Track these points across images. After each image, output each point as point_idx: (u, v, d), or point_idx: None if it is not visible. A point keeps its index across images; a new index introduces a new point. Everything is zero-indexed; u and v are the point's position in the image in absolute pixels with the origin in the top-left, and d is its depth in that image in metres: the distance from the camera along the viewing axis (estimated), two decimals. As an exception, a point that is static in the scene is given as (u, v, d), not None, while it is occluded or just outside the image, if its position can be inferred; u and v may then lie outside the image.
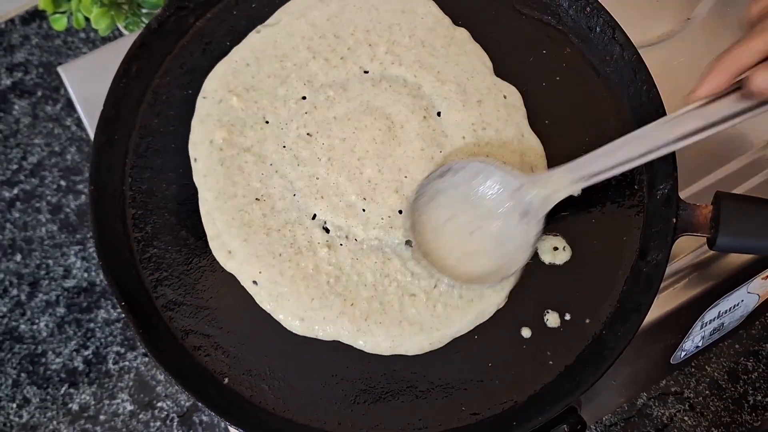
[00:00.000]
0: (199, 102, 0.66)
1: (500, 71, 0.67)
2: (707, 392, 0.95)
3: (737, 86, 0.55)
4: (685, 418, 0.94)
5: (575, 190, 0.59)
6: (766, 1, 0.55)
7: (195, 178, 0.63)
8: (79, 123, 1.02)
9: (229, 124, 0.64)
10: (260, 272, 0.60)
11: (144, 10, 0.87)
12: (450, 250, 0.60)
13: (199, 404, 0.57)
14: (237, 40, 0.68)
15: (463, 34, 0.68)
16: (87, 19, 0.85)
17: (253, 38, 0.68)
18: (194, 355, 0.59)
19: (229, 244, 0.61)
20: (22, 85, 1.04)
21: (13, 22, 1.08)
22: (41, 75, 1.05)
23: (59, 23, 0.88)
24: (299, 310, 0.59)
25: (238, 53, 0.67)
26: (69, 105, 1.03)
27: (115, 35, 0.98)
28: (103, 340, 0.93)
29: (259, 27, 0.69)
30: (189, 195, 0.63)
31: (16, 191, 0.99)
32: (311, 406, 0.58)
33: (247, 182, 0.63)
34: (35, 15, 1.08)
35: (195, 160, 0.64)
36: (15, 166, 1.01)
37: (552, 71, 0.67)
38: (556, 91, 0.67)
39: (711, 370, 0.96)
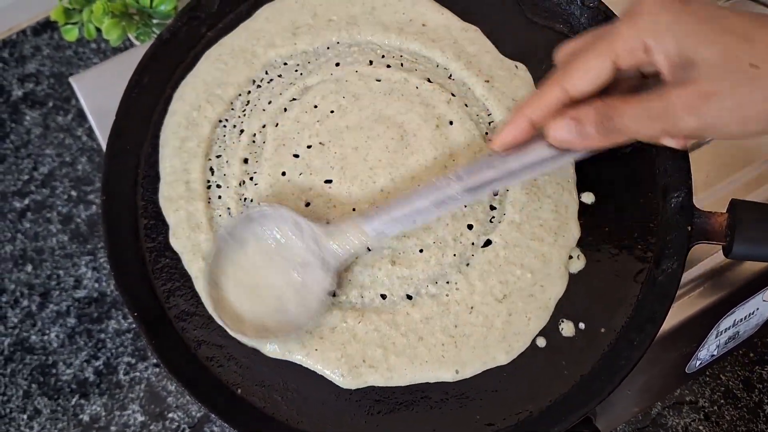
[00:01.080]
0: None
1: (512, 79, 0.67)
2: (722, 401, 0.94)
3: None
4: (700, 427, 0.93)
5: (367, 241, 0.57)
6: (572, 47, 0.55)
7: (207, 188, 0.63)
8: (90, 133, 1.02)
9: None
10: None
11: (155, 21, 0.87)
12: (249, 302, 0.58)
13: (212, 415, 0.57)
14: (248, 49, 0.69)
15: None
16: (98, 30, 0.85)
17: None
18: (207, 365, 0.59)
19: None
20: (33, 96, 1.05)
21: (25, 33, 1.08)
22: (52, 86, 1.05)
23: (71, 34, 0.88)
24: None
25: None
26: (80, 115, 1.03)
27: (126, 46, 0.98)
28: (113, 350, 0.93)
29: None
30: (201, 205, 0.63)
31: (27, 201, 1.00)
32: (325, 418, 0.57)
33: (260, 192, 0.63)
34: (47, 26, 1.09)
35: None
36: (26, 177, 1.01)
37: (564, 79, 0.67)
38: (568, 99, 0.66)
39: (726, 379, 0.95)
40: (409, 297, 0.59)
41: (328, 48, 0.69)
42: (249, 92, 0.67)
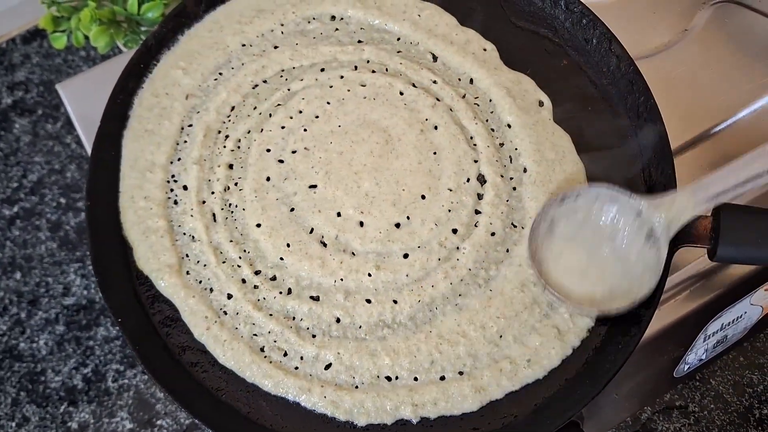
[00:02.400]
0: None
1: (497, 84, 0.67)
2: (712, 406, 0.94)
3: None
4: (690, 432, 0.93)
5: (700, 211, 0.57)
6: None
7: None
8: (79, 141, 1.02)
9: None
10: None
11: (143, 28, 0.87)
12: (573, 277, 0.59)
13: (197, 421, 0.57)
14: (234, 55, 0.69)
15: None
16: (86, 38, 0.85)
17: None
18: (191, 371, 0.59)
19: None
20: (22, 104, 1.05)
21: (14, 42, 1.08)
22: (42, 93, 1.05)
23: (59, 42, 0.88)
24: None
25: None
26: (69, 123, 1.03)
27: (115, 53, 0.98)
28: (102, 357, 0.92)
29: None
30: (186, 210, 0.63)
31: (16, 209, 1.00)
32: (309, 423, 0.57)
33: (244, 197, 0.63)
34: (36, 34, 1.09)
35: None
36: (15, 184, 1.01)
37: (549, 84, 0.67)
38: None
39: (716, 384, 0.95)
40: (395, 302, 0.59)
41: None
42: (219, 78, 0.67)
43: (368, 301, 0.59)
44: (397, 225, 0.61)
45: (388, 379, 0.57)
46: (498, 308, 0.59)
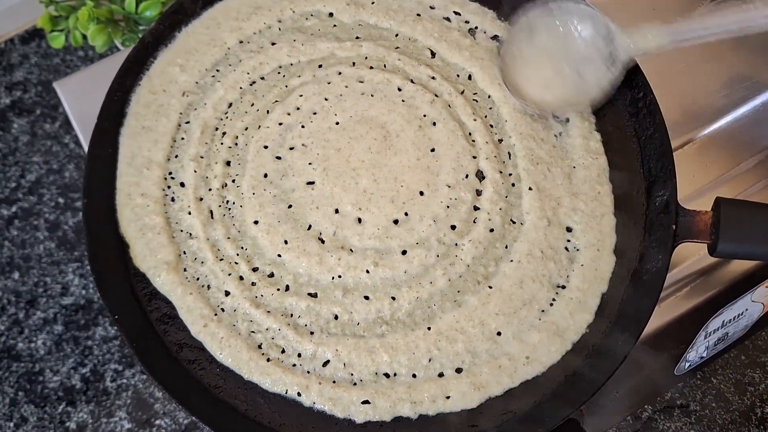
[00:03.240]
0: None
1: (496, 80, 0.67)
2: (714, 405, 0.94)
3: None
4: (692, 431, 0.92)
5: (661, 45, 0.60)
6: None
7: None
8: (77, 141, 1.02)
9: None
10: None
11: (141, 27, 0.87)
12: (533, 78, 0.63)
13: (194, 419, 0.56)
14: (231, 52, 0.68)
15: None
16: (84, 37, 0.85)
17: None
18: (189, 368, 0.58)
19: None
20: (21, 104, 1.05)
21: (13, 42, 1.08)
22: (40, 93, 1.05)
23: (57, 41, 0.88)
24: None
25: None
26: (67, 123, 1.03)
27: (113, 51, 0.98)
28: (100, 357, 0.92)
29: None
30: (183, 207, 0.63)
31: (14, 209, 0.99)
32: (307, 421, 0.57)
33: (242, 194, 0.63)
34: (34, 34, 1.09)
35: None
36: (13, 184, 1.00)
37: (548, 79, 0.67)
38: (552, 99, 0.66)
39: (717, 382, 0.95)
40: (394, 299, 0.59)
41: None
42: (216, 75, 0.67)
43: (366, 297, 0.59)
44: (396, 221, 0.61)
45: (387, 376, 0.57)
46: (497, 305, 0.59)
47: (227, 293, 0.59)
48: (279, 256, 0.60)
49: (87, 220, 0.61)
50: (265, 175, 0.63)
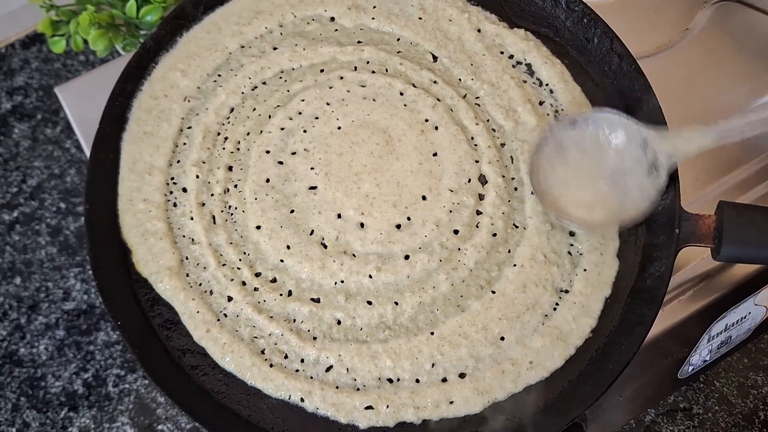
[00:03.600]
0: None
1: (498, 84, 0.67)
2: (717, 408, 0.94)
3: None
4: (695, 434, 0.92)
5: (704, 146, 0.58)
6: None
7: (191, 196, 0.63)
8: (78, 145, 1.02)
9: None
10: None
11: (142, 31, 0.87)
12: (572, 199, 0.60)
13: (197, 424, 0.56)
14: (233, 57, 0.68)
15: None
16: (85, 42, 0.85)
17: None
18: (191, 374, 0.58)
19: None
20: (22, 109, 1.05)
21: (14, 47, 1.08)
22: (41, 98, 1.05)
23: (58, 46, 0.88)
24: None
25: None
26: (68, 127, 1.03)
27: (114, 56, 0.98)
28: (102, 362, 0.92)
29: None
30: (185, 213, 0.63)
31: (15, 214, 0.99)
32: (310, 426, 0.57)
33: (244, 199, 0.62)
34: (35, 39, 1.09)
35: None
36: (15, 189, 1.00)
37: (550, 83, 0.67)
38: (554, 103, 0.66)
39: (720, 385, 0.95)
40: (396, 303, 0.59)
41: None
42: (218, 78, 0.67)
43: (369, 302, 0.59)
44: (398, 226, 0.61)
45: (390, 381, 0.57)
46: (500, 309, 0.59)
47: (230, 299, 0.59)
48: (281, 261, 0.60)
49: (89, 225, 0.61)
50: (267, 180, 0.63)
